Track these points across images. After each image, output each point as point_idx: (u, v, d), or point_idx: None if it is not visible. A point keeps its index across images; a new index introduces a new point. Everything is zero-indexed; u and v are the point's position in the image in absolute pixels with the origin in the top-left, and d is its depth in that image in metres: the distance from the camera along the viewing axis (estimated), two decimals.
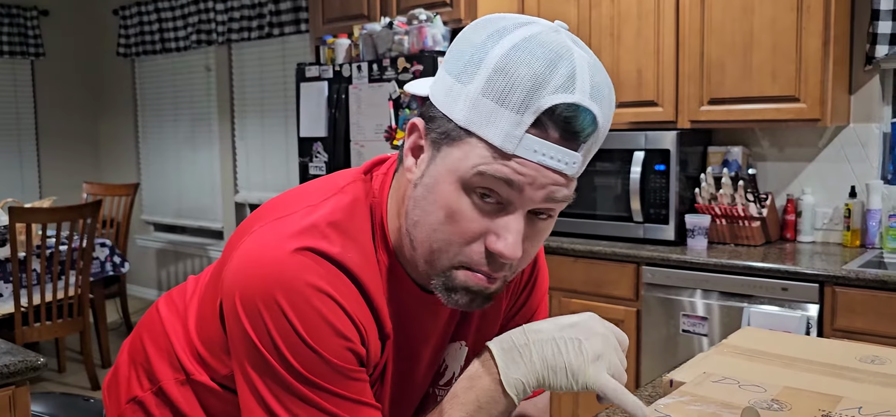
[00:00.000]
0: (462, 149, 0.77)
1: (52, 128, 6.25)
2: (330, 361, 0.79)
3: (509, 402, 0.83)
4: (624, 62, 3.17)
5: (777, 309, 2.62)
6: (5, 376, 1.61)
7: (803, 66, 2.76)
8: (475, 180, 0.76)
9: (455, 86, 0.78)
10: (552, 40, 0.76)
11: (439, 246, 0.80)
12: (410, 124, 0.83)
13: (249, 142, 5.38)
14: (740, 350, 1.27)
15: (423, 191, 0.80)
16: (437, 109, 0.80)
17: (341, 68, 3.72)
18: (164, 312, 1.02)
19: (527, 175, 0.75)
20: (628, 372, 2.98)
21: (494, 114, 0.75)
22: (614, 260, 3.02)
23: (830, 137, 3.06)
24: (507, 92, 0.74)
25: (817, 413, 0.98)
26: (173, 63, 5.87)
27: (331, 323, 0.79)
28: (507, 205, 0.78)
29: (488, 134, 0.75)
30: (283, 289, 0.78)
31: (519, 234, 0.78)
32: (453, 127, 0.78)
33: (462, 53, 0.79)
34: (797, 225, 3.10)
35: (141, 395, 1.00)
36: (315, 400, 0.78)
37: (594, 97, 0.76)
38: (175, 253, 6.02)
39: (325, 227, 0.83)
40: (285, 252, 0.80)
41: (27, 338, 3.73)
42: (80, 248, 3.92)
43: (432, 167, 0.80)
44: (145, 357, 1.01)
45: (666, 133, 3.03)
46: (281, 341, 0.77)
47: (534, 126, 0.74)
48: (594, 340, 0.84)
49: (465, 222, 0.78)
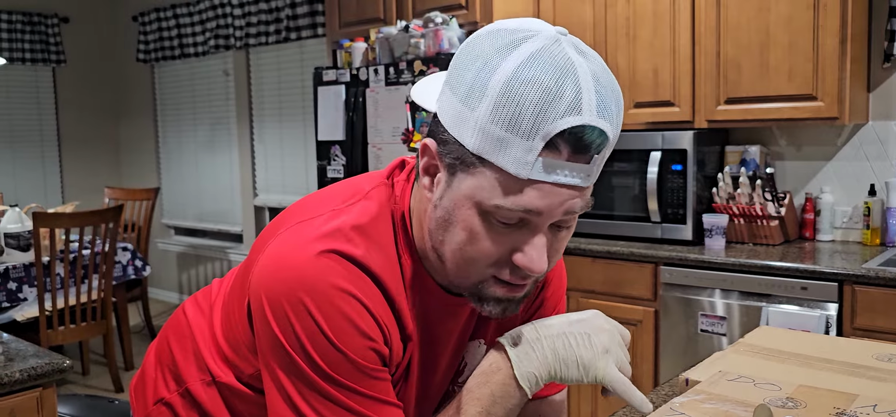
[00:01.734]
0: (477, 178, 0.78)
1: (73, 134, 6.34)
2: (354, 360, 0.81)
3: (523, 395, 0.85)
4: (640, 62, 3.17)
5: (796, 308, 2.61)
6: (33, 378, 1.64)
7: (820, 64, 2.74)
8: (495, 211, 0.78)
9: (463, 110, 0.78)
10: (555, 56, 0.75)
11: (466, 265, 0.82)
12: (422, 145, 0.84)
13: (268, 146, 5.42)
14: (756, 349, 1.27)
15: (444, 214, 0.82)
16: (446, 132, 0.80)
17: (358, 71, 3.75)
18: (191, 314, 1.05)
19: (543, 198, 0.77)
20: (647, 372, 3.00)
21: (504, 142, 0.75)
22: (632, 261, 3.02)
23: (849, 135, 3.04)
24: (514, 119, 0.74)
25: (832, 410, 0.98)
26: (192, 68, 5.93)
27: (355, 323, 0.81)
28: (528, 224, 0.79)
29: (501, 161, 0.76)
30: (308, 291, 0.80)
31: (544, 248, 0.80)
32: (466, 153, 0.78)
33: (465, 73, 0.78)
34: (816, 224, 3.08)
35: (168, 396, 1.02)
36: (339, 399, 0.81)
37: (601, 112, 0.76)
38: (195, 256, 6.08)
39: (349, 231, 0.85)
40: (310, 254, 0.82)
41: (52, 341, 3.79)
42: (103, 252, 3.98)
43: (450, 191, 0.81)
44: (172, 358, 1.04)
45: (683, 133, 3.03)
46: (307, 340, 0.80)
47: (545, 149, 0.75)
48: (602, 335, 0.87)
49: (489, 244, 0.80)
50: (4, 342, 1.86)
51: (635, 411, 1.32)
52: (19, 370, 1.63)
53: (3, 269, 3.72)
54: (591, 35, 3.28)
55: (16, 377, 1.62)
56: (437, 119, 0.82)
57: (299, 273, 0.81)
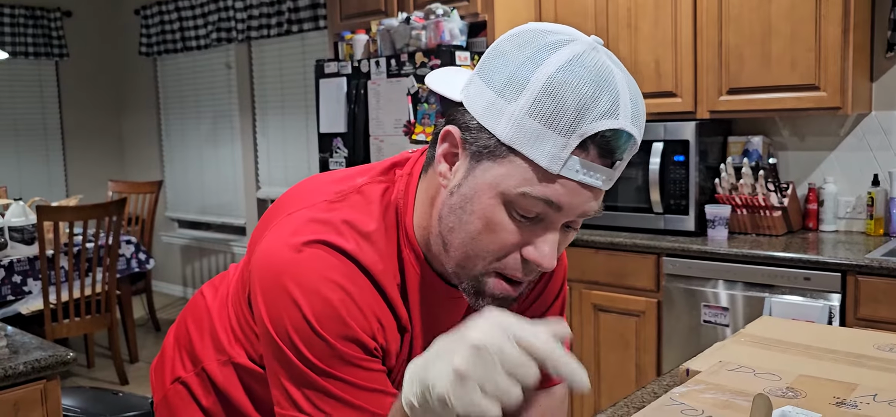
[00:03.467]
0: (505, 167, 0.79)
1: (77, 128, 6.35)
2: (343, 352, 0.82)
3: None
4: (641, 53, 3.16)
5: (799, 298, 2.61)
6: (37, 370, 1.65)
7: (823, 54, 2.73)
8: (518, 199, 0.79)
9: (497, 101, 0.79)
10: (595, 62, 0.77)
11: (475, 253, 0.83)
12: (444, 131, 0.84)
13: (270, 139, 5.43)
14: (757, 339, 1.27)
15: (461, 200, 0.82)
16: (473, 119, 0.81)
17: (360, 64, 3.75)
18: (208, 297, 1.09)
19: (568, 194, 0.79)
20: (649, 363, 3.01)
21: (541, 136, 0.77)
22: (635, 252, 3.02)
23: (852, 125, 3.03)
24: (554, 115, 0.76)
25: (832, 400, 0.98)
26: (194, 61, 5.93)
27: (341, 314, 0.82)
28: (543, 219, 0.81)
29: (534, 154, 0.77)
30: (296, 282, 0.82)
31: (555, 245, 0.82)
32: (495, 142, 0.79)
33: (503, 67, 0.79)
34: (819, 215, 3.08)
35: (184, 376, 1.06)
36: (325, 387, 0.83)
37: (634, 121, 0.79)
38: (199, 249, 6.09)
39: (340, 224, 0.86)
40: (300, 247, 0.84)
41: (57, 334, 3.81)
42: (107, 245, 3.99)
43: (471, 178, 0.82)
44: (189, 340, 1.07)
45: (685, 123, 3.02)
46: (294, 333, 0.82)
47: (578, 148, 0.77)
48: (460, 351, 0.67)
49: (504, 234, 0.81)
50: (9, 335, 1.87)
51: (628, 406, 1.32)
52: (23, 362, 1.64)
53: (8, 263, 3.74)
54: (593, 25, 3.27)
55: (20, 369, 1.63)
56: (461, 108, 0.84)
57: (287, 265, 0.83)
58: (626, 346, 3.05)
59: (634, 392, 1.39)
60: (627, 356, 3.05)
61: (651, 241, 2.99)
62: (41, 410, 1.68)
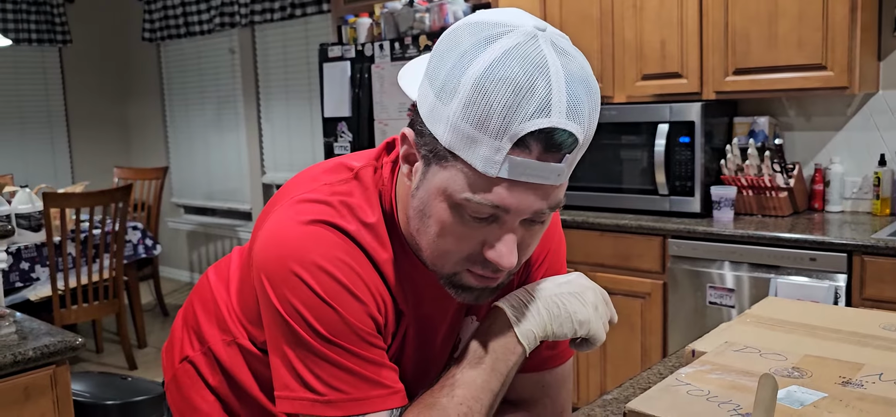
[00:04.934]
0: (448, 172, 0.78)
1: (81, 114, 6.35)
2: (351, 323, 0.83)
3: (522, 352, 0.89)
4: (647, 33, 3.14)
5: (805, 279, 2.60)
6: (46, 356, 1.67)
7: (830, 33, 2.71)
8: (464, 204, 0.78)
9: (437, 104, 0.78)
10: (527, 55, 0.74)
11: (439, 256, 0.84)
12: (402, 134, 0.85)
13: (275, 124, 5.43)
14: (763, 320, 1.27)
15: (419, 205, 0.83)
16: (423, 124, 0.81)
17: (363, 48, 3.74)
18: (213, 279, 1.10)
19: (512, 195, 0.77)
20: (655, 344, 3.01)
21: (474, 140, 0.75)
22: (640, 234, 3.02)
23: (859, 105, 3.01)
24: (483, 118, 0.74)
25: (838, 379, 0.99)
26: (198, 46, 5.92)
27: (349, 289, 0.83)
28: (498, 219, 0.80)
29: (470, 158, 0.76)
30: (302, 262, 0.83)
31: (513, 244, 0.81)
32: (439, 147, 0.79)
33: (440, 68, 0.78)
34: (825, 195, 3.07)
35: (192, 355, 1.08)
36: (339, 361, 0.83)
37: (571, 115, 0.75)
38: (205, 234, 6.11)
39: (339, 206, 0.88)
40: (303, 227, 0.85)
41: (65, 320, 3.83)
42: (114, 232, 4.01)
43: (424, 182, 0.82)
44: (196, 320, 1.09)
45: (690, 105, 3.01)
46: (304, 308, 0.82)
47: (514, 147, 0.75)
48: (589, 293, 0.92)
49: (459, 238, 0.81)
50: (18, 321, 1.88)
51: (633, 387, 1.33)
52: (33, 348, 1.66)
53: (15, 249, 3.76)
54: (598, 7, 3.25)
55: (29, 355, 1.64)
56: (417, 108, 0.83)
57: (293, 246, 0.84)
58: (631, 328, 3.06)
59: (640, 373, 1.39)
60: (633, 337, 3.06)
61: (656, 223, 2.98)
62: (51, 395, 1.69)
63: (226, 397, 1.05)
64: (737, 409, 0.92)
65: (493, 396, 0.87)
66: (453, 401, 0.85)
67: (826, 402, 0.92)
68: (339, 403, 0.83)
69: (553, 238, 1.04)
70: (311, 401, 0.84)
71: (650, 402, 0.95)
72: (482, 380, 0.86)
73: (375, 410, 0.84)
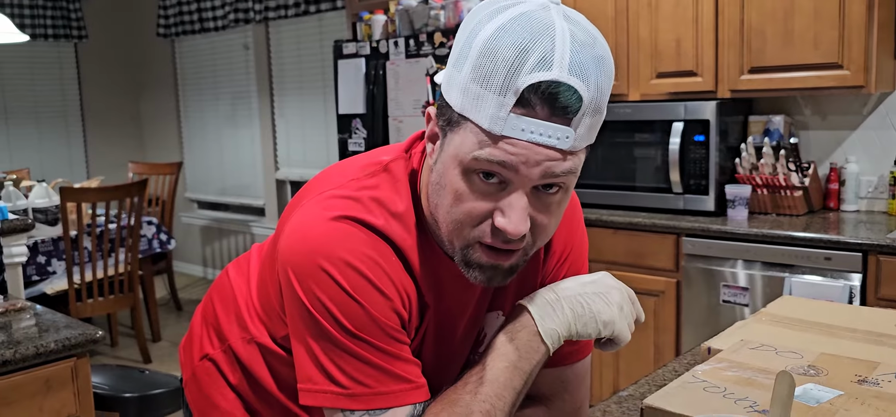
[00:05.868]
0: (460, 135, 0.80)
1: (96, 109, 6.41)
2: (376, 318, 0.84)
3: (546, 350, 0.89)
4: (662, 32, 3.14)
5: (819, 278, 2.60)
6: (67, 348, 1.69)
7: (846, 31, 2.70)
8: (473, 164, 0.80)
9: (453, 73, 0.81)
10: (536, 18, 0.77)
11: (453, 227, 0.84)
12: (426, 113, 0.88)
13: (289, 120, 5.45)
14: (778, 319, 1.28)
15: (437, 177, 0.85)
16: (443, 97, 0.84)
17: (378, 44, 3.75)
18: (233, 276, 1.11)
19: (518, 154, 0.77)
20: (668, 343, 3.01)
21: (481, 98, 0.77)
22: (654, 232, 3.02)
23: (875, 104, 3.00)
24: (489, 75, 0.76)
25: (853, 377, 0.99)
26: (212, 42, 5.96)
27: (375, 284, 0.84)
28: (508, 184, 0.80)
29: (478, 117, 0.78)
30: (329, 257, 0.84)
31: (523, 211, 0.80)
32: (453, 114, 0.81)
33: (459, 40, 0.82)
34: (841, 194, 3.06)
35: (212, 353, 1.09)
36: (364, 356, 0.84)
37: (574, 72, 0.76)
38: (219, 230, 6.15)
39: (368, 201, 0.88)
40: (330, 222, 0.86)
41: (81, 314, 3.87)
42: (129, 226, 4.05)
43: (442, 154, 0.84)
44: (216, 318, 1.10)
45: (705, 103, 3.00)
46: (330, 302, 0.83)
47: (519, 105, 0.76)
48: (614, 293, 0.92)
49: (471, 204, 0.82)
50: (38, 313, 1.91)
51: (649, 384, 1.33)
52: (54, 340, 1.68)
53: (33, 243, 3.80)
54: (613, 5, 3.25)
55: (51, 347, 1.67)
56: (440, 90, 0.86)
57: (320, 241, 0.84)
58: (644, 326, 3.06)
59: (655, 370, 1.40)
60: (646, 336, 3.06)
61: (670, 221, 2.98)
62: (72, 387, 1.71)
63: (246, 395, 1.06)
64: (754, 406, 0.92)
65: (516, 394, 0.88)
66: (477, 399, 0.85)
67: (842, 400, 0.93)
68: (363, 397, 0.84)
69: (576, 233, 1.05)
70: (334, 394, 0.84)
71: (667, 398, 0.96)
72: (505, 378, 0.87)
73: (399, 404, 0.85)
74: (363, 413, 0.84)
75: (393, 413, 0.85)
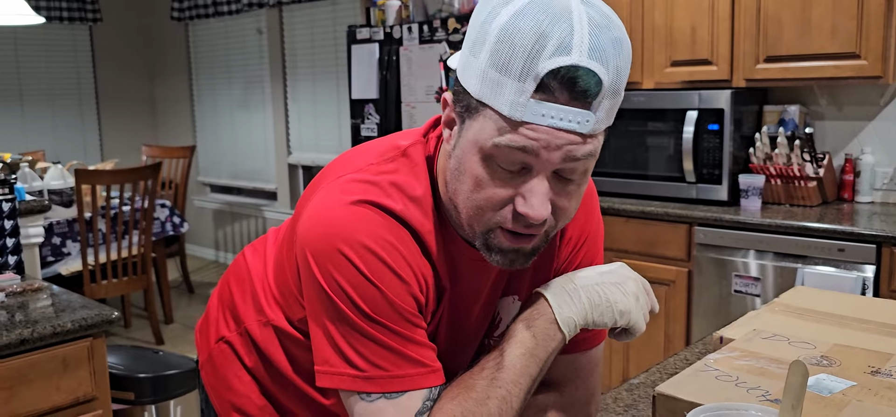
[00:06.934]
0: (479, 122, 0.80)
1: (111, 92, 6.44)
2: (394, 302, 0.84)
3: (563, 338, 0.90)
4: (677, 20, 3.12)
5: (832, 270, 2.59)
6: (83, 328, 1.71)
7: (865, 21, 2.68)
8: (493, 151, 0.80)
9: (469, 59, 0.81)
10: (552, 3, 0.76)
11: (473, 213, 0.85)
12: (442, 99, 0.88)
13: (301, 105, 5.46)
14: (791, 309, 1.28)
15: (455, 163, 0.85)
16: (459, 83, 0.84)
17: (392, 30, 3.75)
18: (250, 259, 1.11)
19: (539, 139, 0.77)
20: (679, 332, 3.01)
21: (500, 84, 0.77)
22: (667, 221, 3.01)
23: (893, 95, 2.97)
24: (508, 61, 0.76)
25: (867, 368, 0.99)
26: (226, 26, 5.97)
27: (393, 268, 0.85)
28: (529, 169, 0.81)
29: (497, 103, 0.78)
30: (348, 241, 0.84)
31: (544, 196, 0.81)
32: (471, 100, 0.81)
33: (474, 25, 0.81)
34: (855, 186, 3.04)
35: (228, 335, 1.09)
36: (381, 339, 0.84)
37: (594, 56, 0.76)
38: (231, 213, 6.18)
39: (388, 186, 0.88)
40: (349, 206, 0.86)
41: (94, 295, 3.91)
42: (142, 209, 4.07)
43: (460, 140, 0.84)
44: (232, 300, 1.11)
45: (720, 92, 2.99)
46: (348, 285, 0.84)
47: (539, 91, 0.76)
48: (630, 283, 0.93)
49: (492, 190, 0.82)
50: (55, 293, 1.93)
51: (660, 372, 1.34)
52: (70, 320, 1.70)
53: (48, 225, 3.83)
54: None
55: (68, 327, 1.69)
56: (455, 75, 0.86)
57: (339, 224, 0.85)
58: (655, 315, 3.05)
59: (667, 358, 1.40)
60: (656, 325, 3.06)
61: (683, 211, 2.97)
62: (88, 366, 1.73)
63: (261, 378, 1.07)
64: (766, 395, 0.93)
65: (531, 381, 0.89)
66: (494, 384, 0.86)
67: (855, 391, 0.93)
68: (379, 380, 0.85)
69: (592, 220, 1.05)
70: (351, 377, 0.85)
71: (679, 386, 0.96)
72: (521, 365, 0.87)
73: (415, 388, 0.85)
74: (379, 396, 0.85)
75: (409, 397, 0.85)
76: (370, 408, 0.85)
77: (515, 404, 0.87)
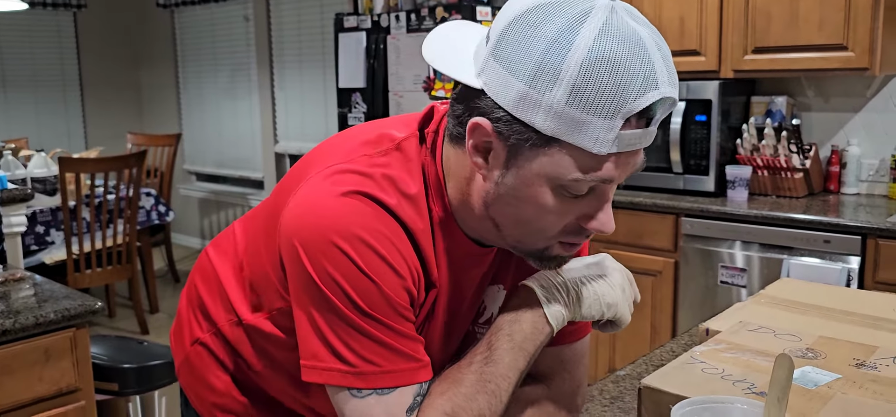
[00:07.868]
0: (551, 157, 0.79)
1: (95, 79, 6.37)
2: (388, 295, 0.83)
3: (550, 331, 0.90)
4: (666, 10, 3.11)
5: (818, 261, 2.60)
6: (66, 318, 1.69)
7: (852, 13, 2.68)
8: (570, 184, 0.80)
9: (530, 93, 0.76)
10: (621, 30, 0.75)
11: (534, 236, 0.86)
12: (473, 124, 0.82)
13: (288, 93, 5.43)
14: (777, 301, 1.28)
15: (507, 191, 0.82)
16: (501, 110, 0.79)
17: (379, 18, 3.72)
18: (214, 258, 1.08)
19: (621, 165, 0.80)
20: (665, 323, 3.02)
21: (585, 123, 0.76)
22: (654, 212, 3.02)
23: (879, 87, 2.99)
24: (596, 101, 0.75)
25: (852, 361, 0.99)
26: (212, 13, 5.92)
27: (387, 261, 0.83)
28: (597, 189, 0.82)
29: (580, 141, 0.77)
30: (342, 233, 0.82)
31: (610, 210, 0.85)
32: (535, 134, 0.78)
33: (526, 55, 0.77)
34: (841, 177, 3.05)
35: (202, 336, 1.07)
36: (371, 332, 0.83)
37: (671, 81, 0.78)
38: (217, 202, 6.14)
39: (381, 179, 0.86)
40: (341, 197, 0.83)
41: (79, 284, 3.88)
42: (127, 197, 4.04)
43: (514, 169, 0.81)
44: (200, 300, 1.08)
45: (708, 83, 2.99)
46: (342, 279, 0.82)
47: (625, 124, 0.77)
48: (616, 275, 0.95)
49: (560, 216, 0.83)
50: (37, 283, 1.91)
51: (646, 364, 1.34)
52: (53, 311, 1.68)
53: (31, 213, 3.79)
54: None
55: (50, 317, 1.67)
56: (483, 95, 0.81)
57: (333, 216, 0.82)
58: (641, 306, 3.06)
59: (653, 350, 1.40)
60: (643, 316, 3.07)
61: (670, 201, 2.98)
62: (71, 357, 1.72)
63: (241, 376, 1.05)
64: (752, 387, 0.93)
65: (519, 374, 0.88)
66: (482, 379, 0.86)
67: (840, 383, 0.93)
68: (371, 375, 0.83)
69: None
70: (341, 373, 0.83)
71: (665, 379, 0.96)
72: (510, 359, 0.87)
73: (406, 383, 0.84)
74: (370, 392, 0.83)
75: (400, 393, 0.84)
76: (360, 405, 0.84)
77: (504, 397, 0.87)
